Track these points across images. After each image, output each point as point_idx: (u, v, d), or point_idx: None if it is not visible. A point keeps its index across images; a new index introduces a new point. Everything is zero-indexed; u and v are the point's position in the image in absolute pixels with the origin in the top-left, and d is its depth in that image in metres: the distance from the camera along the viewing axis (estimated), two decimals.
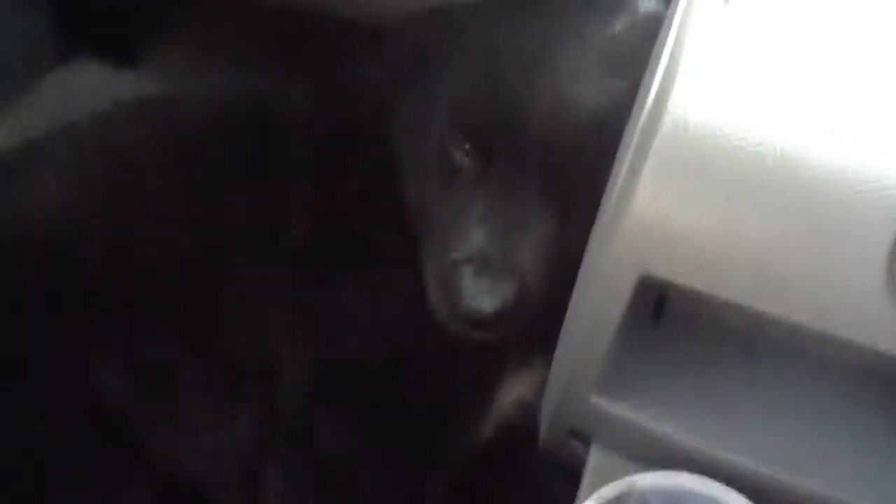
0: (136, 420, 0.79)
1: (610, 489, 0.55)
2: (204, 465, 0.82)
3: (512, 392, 0.76)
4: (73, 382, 0.77)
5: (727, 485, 0.54)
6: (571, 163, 0.65)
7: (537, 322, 0.65)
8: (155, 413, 0.80)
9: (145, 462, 0.79)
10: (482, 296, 0.62)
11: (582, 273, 0.59)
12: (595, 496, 0.55)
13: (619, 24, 0.67)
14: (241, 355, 0.78)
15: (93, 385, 0.77)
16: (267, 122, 0.83)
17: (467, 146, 0.67)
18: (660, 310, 0.61)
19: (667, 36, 0.52)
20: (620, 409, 0.58)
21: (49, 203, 0.81)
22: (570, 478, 0.65)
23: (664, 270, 0.51)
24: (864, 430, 0.57)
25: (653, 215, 0.50)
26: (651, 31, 0.59)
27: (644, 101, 0.51)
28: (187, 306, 0.78)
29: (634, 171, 0.50)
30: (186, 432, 0.80)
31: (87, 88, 1.09)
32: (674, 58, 0.50)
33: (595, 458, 0.61)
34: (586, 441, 0.63)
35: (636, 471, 0.57)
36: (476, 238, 0.64)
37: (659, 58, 0.51)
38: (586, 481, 0.61)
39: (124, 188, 0.81)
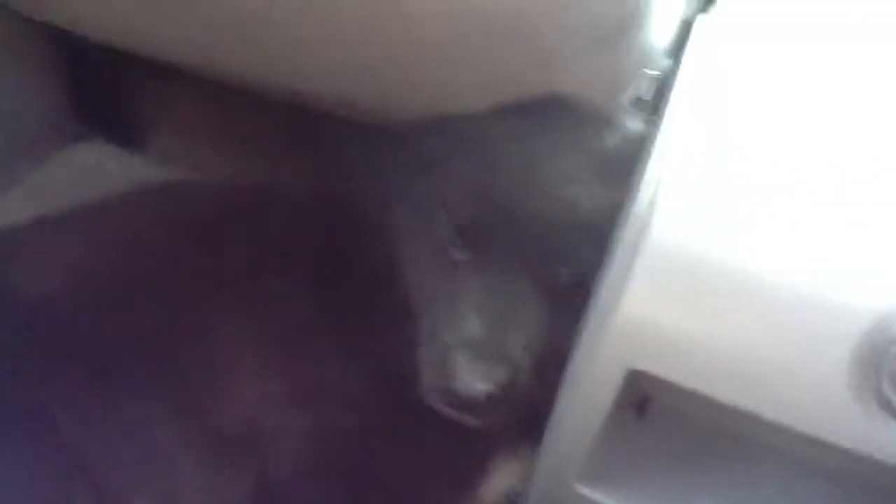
0: (118, 487, 0.78)
1: None
2: None
3: (499, 481, 0.78)
4: (49, 441, 0.75)
5: None
6: (562, 261, 0.70)
7: (526, 410, 0.69)
8: (138, 482, 0.80)
9: None
10: (475, 380, 0.66)
11: (571, 367, 0.63)
12: None
13: (610, 140, 0.72)
14: (228, 426, 0.79)
15: (68, 448, 0.76)
16: (270, 209, 0.88)
17: (463, 242, 0.71)
18: (643, 409, 0.65)
19: (651, 157, 0.57)
20: (605, 499, 0.61)
21: (55, 273, 0.82)
22: None
23: (650, 366, 0.56)
24: None
25: (640, 317, 0.56)
26: (637, 148, 0.65)
27: (631, 217, 0.57)
28: (178, 375, 0.79)
29: (623, 279, 0.56)
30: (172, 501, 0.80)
31: (97, 169, 1.12)
32: (658, 180, 0.56)
33: None
34: None
35: None
36: (471, 325, 0.68)
37: (644, 176, 0.57)
38: None
39: (130, 266, 0.84)
